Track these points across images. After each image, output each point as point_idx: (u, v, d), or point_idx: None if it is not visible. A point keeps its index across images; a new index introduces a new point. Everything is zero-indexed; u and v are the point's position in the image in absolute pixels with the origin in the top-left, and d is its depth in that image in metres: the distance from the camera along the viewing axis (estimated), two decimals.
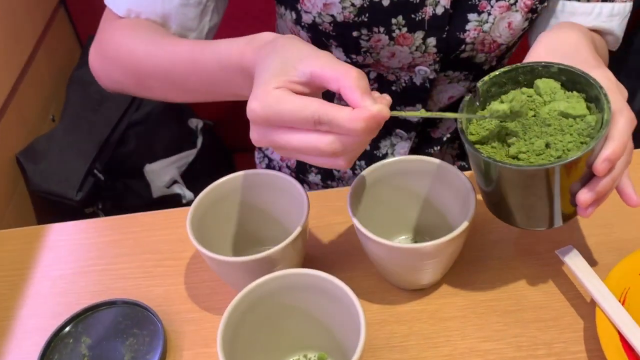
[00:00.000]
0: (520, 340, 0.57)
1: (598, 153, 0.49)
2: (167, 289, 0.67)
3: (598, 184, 0.50)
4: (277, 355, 0.58)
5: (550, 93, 0.53)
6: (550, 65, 0.54)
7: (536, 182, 0.50)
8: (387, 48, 0.75)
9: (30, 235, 0.75)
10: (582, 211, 0.51)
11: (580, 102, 0.52)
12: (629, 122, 0.50)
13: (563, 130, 0.51)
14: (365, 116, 0.47)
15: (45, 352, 0.61)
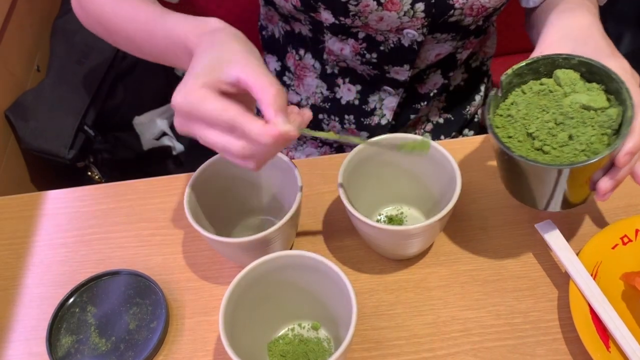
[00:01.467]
0: (498, 309, 0.62)
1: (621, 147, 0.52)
2: (165, 258, 0.70)
3: (618, 173, 0.53)
4: (274, 325, 0.62)
5: (570, 84, 0.55)
6: (571, 57, 0.55)
7: (563, 177, 0.52)
8: (375, 13, 0.75)
9: (28, 202, 0.77)
10: (601, 197, 0.55)
11: (601, 95, 0.54)
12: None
13: (585, 122, 0.53)
14: (273, 133, 0.50)
15: (53, 322, 0.64)
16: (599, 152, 0.52)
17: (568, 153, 0.53)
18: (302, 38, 0.88)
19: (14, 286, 0.69)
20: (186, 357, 0.62)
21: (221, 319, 0.54)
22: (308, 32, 0.85)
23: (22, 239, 0.74)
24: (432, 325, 0.61)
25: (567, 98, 0.54)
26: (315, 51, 0.88)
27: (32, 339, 0.65)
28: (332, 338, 0.61)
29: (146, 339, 0.63)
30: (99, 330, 0.64)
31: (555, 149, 0.53)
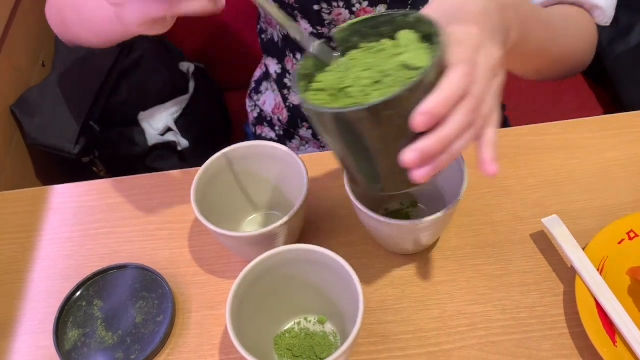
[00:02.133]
0: (505, 304, 0.62)
1: (417, 104, 0.43)
2: (172, 252, 0.70)
3: (420, 142, 0.44)
4: (280, 319, 0.62)
5: (406, 45, 0.49)
6: (408, 14, 0.49)
7: (347, 129, 0.46)
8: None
9: (34, 197, 0.77)
10: (412, 173, 0.45)
11: (426, 54, 0.47)
12: (462, 76, 0.44)
13: (401, 81, 0.46)
14: None
15: (60, 315, 0.65)
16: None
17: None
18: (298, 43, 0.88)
19: (21, 280, 0.70)
20: (192, 350, 0.62)
21: (228, 313, 0.54)
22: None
23: (28, 233, 0.74)
24: (439, 320, 0.61)
25: (396, 58, 0.48)
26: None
27: (39, 332, 0.65)
28: (339, 332, 0.61)
29: (153, 332, 0.63)
30: (106, 324, 0.64)
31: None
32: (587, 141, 0.74)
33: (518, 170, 0.72)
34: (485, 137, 0.48)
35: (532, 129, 0.76)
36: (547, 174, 0.72)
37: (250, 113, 1.07)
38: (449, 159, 0.46)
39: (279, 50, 0.94)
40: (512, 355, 0.58)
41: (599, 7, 0.72)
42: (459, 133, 0.45)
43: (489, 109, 0.47)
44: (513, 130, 0.77)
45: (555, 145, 0.74)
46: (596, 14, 0.74)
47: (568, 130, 0.76)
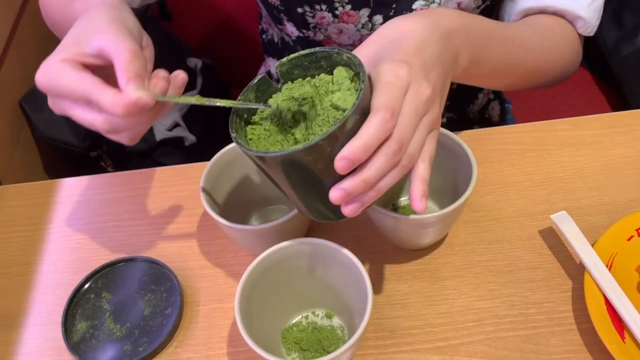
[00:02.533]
0: (513, 300, 0.62)
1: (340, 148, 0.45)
2: (180, 246, 0.70)
3: (344, 182, 0.46)
4: (288, 313, 0.62)
5: (340, 83, 0.50)
6: (342, 52, 0.50)
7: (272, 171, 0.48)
8: (333, 25, 0.75)
9: (43, 190, 0.78)
10: (342, 209, 0.48)
11: (354, 95, 0.48)
12: (380, 122, 0.45)
13: (329, 121, 0.48)
14: (122, 102, 0.46)
15: (68, 308, 0.65)
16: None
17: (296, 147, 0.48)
18: (291, 47, 0.89)
19: (30, 272, 0.70)
20: (200, 343, 0.62)
21: (237, 306, 0.54)
22: (294, 43, 0.86)
23: (37, 226, 0.74)
24: (446, 315, 0.61)
25: (329, 96, 0.50)
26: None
27: (47, 324, 0.65)
28: (346, 326, 0.61)
29: (161, 325, 0.63)
30: (114, 316, 0.64)
31: (289, 145, 0.50)
32: (596, 138, 0.74)
33: (526, 167, 0.72)
34: (415, 173, 0.49)
35: (540, 126, 0.76)
36: (555, 170, 0.72)
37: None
38: (376, 195, 0.48)
39: (278, 50, 0.95)
40: (520, 351, 0.58)
41: (581, 17, 0.71)
42: (381, 174, 0.47)
43: (416, 147, 0.48)
44: (521, 126, 0.77)
45: (564, 142, 0.74)
46: (578, 24, 0.72)
47: (576, 127, 0.76)
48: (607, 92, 1.25)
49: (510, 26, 0.68)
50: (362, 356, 0.59)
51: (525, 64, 0.68)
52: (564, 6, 0.70)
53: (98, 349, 0.62)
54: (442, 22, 0.53)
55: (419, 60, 0.50)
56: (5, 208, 0.76)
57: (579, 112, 0.77)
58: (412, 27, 0.51)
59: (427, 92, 0.49)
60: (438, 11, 0.55)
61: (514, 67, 0.67)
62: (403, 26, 0.52)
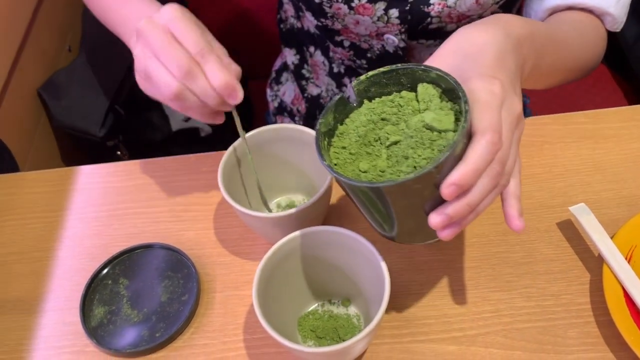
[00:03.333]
0: (530, 291, 0.61)
1: (447, 173, 0.44)
2: (197, 233, 0.70)
3: (448, 207, 0.45)
4: (304, 300, 0.62)
5: (427, 101, 0.48)
6: (430, 69, 0.48)
7: (373, 198, 0.46)
8: (349, 16, 0.75)
9: (61, 177, 0.78)
10: (439, 233, 0.47)
11: (450, 115, 0.46)
12: (489, 145, 0.44)
13: (424, 143, 0.46)
14: (228, 81, 0.55)
15: (86, 293, 0.65)
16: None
17: (392, 174, 0.47)
18: (311, 35, 0.89)
19: (48, 258, 0.71)
20: (217, 329, 0.62)
21: (254, 293, 0.54)
22: (316, 30, 0.86)
23: (55, 213, 0.75)
24: (463, 306, 0.61)
25: (417, 116, 0.48)
26: (323, 49, 0.89)
27: (65, 309, 0.66)
28: (362, 315, 0.61)
29: (177, 311, 0.63)
30: (131, 302, 0.65)
31: (387, 168, 0.47)
32: (614, 131, 0.74)
33: (544, 159, 0.72)
34: (508, 191, 0.49)
35: (559, 118, 0.76)
36: (574, 163, 0.71)
37: (271, 103, 1.08)
38: (474, 217, 0.47)
39: (297, 40, 0.95)
40: (537, 342, 0.58)
41: (610, 14, 0.71)
42: (484, 196, 0.46)
43: (512, 164, 0.48)
44: (540, 118, 0.76)
45: (582, 135, 0.74)
46: (607, 20, 0.72)
47: (595, 119, 0.75)
48: (626, 88, 1.24)
49: (558, 28, 0.67)
50: (378, 345, 0.59)
51: (569, 64, 0.68)
52: (593, 3, 0.70)
53: (115, 334, 0.63)
54: (511, 31, 0.53)
55: (505, 74, 0.49)
56: (24, 195, 0.77)
57: (597, 107, 0.76)
58: (488, 39, 0.50)
59: (519, 107, 0.49)
60: (505, 19, 0.54)
61: (561, 68, 0.67)
62: (477, 37, 0.51)
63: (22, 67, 0.99)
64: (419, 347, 0.59)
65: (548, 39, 0.61)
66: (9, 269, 0.70)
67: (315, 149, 0.49)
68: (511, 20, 0.55)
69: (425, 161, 0.45)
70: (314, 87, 0.96)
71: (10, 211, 0.75)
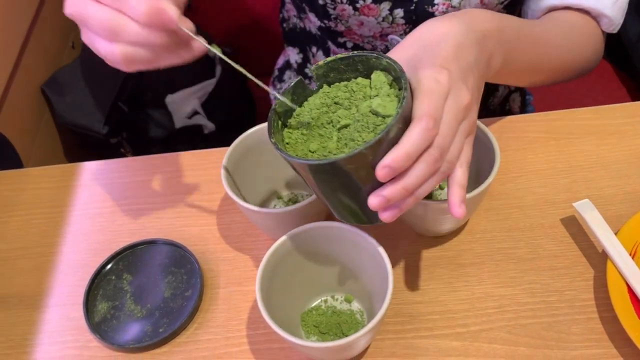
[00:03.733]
0: (534, 287, 0.61)
1: (382, 156, 0.45)
2: (200, 229, 0.70)
3: (385, 189, 0.46)
4: (307, 296, 0.62)
5: (378, 88, 0.49)
6: (381, 57, 0.49)
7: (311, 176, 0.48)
8: (353, 17, 0.75)
9: (65, 173, 0.78)
10: (380, 215, 0.48)
11: (394, 102, 0.47)
12: (423, 131, 0.45)
13: (368, 127, 0.47)
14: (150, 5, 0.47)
15: (90, 288, 0.66)
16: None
17: (336, 155, 0.48)
18: (313, 36, 0.88)
19: (52, 253, 0.71)
20: (220, 325, 0.62)
21: (258, 288, 0.54)
22: (317, 31, 0.86)
23: (59, 209, 0.75)
24: (467, 302, 0.61)
25: (367, 101, 0.49)
26: (325, 50, 0.89)
27: (69, 304, 0.66)
28: (365, 311, 0.61)
29: (181, 307, 0.63)
30: (135, 297, 0.65)
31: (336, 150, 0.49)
32: (619, 127, 0.74)
33: (548, 155, 0.71)
34: (452, 178, 0.49)
35: (564, 114, 0.76)
36: (578, 159, 0.71)
37: (274, 101, 1.08)
38: (414, 202, 0.48)
39: (300, 39, 0.94)
40: (541, 338, 0.58)
41: (606, 15, 0.70)
42: (421, 181, 0.46)
43: (455, 153, 0.48)
44: (544, 114, 0.76)
45: (586, 131, 0.74)
46: (603, 21, 0.72)
47: (600, 115, 0.75)
48: (630, 85, 1.24)
49: (537, 24, 0.67)
50: (381, 341, 0.59)
51: (551, 63, 0.68)
52: (589, 5, 0.69)
53: (119, 330, 0.63)
54: (476, 25, 0.53)
55: (457, 65, 0.50)
56: (28, 190, 0.77)
57: (600, 105, 0.76)
58: (448, 30, 0.51)
59: (466, 98, 0.49)
60: (471, 13, 0.55)
61: (541, 66, 0.67)
62: (439, 29, 0.52)
63: (25, 64, 0.99)
64: (423, 342, 0.59)
65: (521, 35, 0.61)
66: (13, 264, 0.70)
67: (267, 128, 0.50)
68: (478, 14, 0.55)
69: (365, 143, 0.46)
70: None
71: (14, 207, 0.75)
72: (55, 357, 0.62)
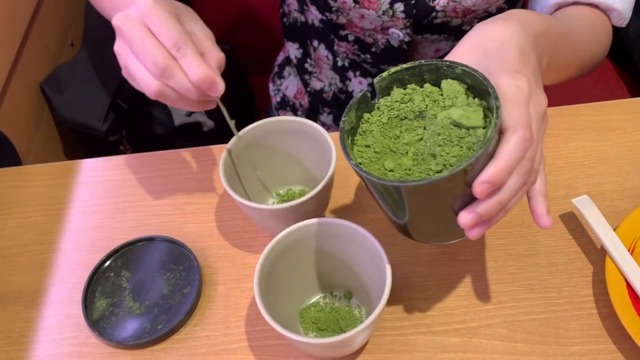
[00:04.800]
0: (532, 283, 0.61)
1: (480, 170, 0.43)
2: (199, 226, 0.70)
3: (479, 206, 0.44)
4: (306, 293, 0.62)
5: (452, 97, 0.47)
6: (455, 65, 0.47)
7: (403, 197, 0.45)
8: (354, 10, 0.75)
9: (64, 170, 0.78)
10: (467, 232, 0.46)
11: (478, 112, 0.45)
12: (521, 142, 0.43)
13: (452, 141, 0.45)
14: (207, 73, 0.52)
15: (89, 285, 0.66)
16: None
17: (421, 172, 0.45)
18: (315, 29, 0.88)
19: (50, 250, 0.71)
20: (219, 321, 0.62)
21: (256, 285, 0.54)
22: (320, 24, 0.86)
23: (58, 206, 0.75)
24: (465, 298, 0.61)
25: (442, 112, 0.46)
26: (327, 43, 0.89)
27: (67, 301, 0.66)
28: (364, 307, 0.61)
29: (179, 303, 0.63)
30: (133, 294, 0.65)
31: (413, 166, 0.46)
32: (618, 123, 0.73)
33: (548, 151, 0.71)
34: (534, 188, 0.48)
35: (563, 110, 0.75)
36: (577, 155, 0.71)
37: (273, 97, 1.08)
38: (503, 216, 0.47)
39: (300, 34, 0.94)
40: (539, 334, 0.58)
41: (616, 9, 0.70)
42: (514, 194, 0.45)
43: (539, 160, 0.48)
44: None
45: (586, 127, 0.73)
46: (612, 15, 0.72)
47: (599, 112, 0.75)
48: (630, 83, 1.23)
49: (568, 23, 0.66)
50: (380, 337, 0.59)
51: (582, 59, 0.68)
52: None
53: (117, 326, 0.63)
54: (529, 26, 0.52)
55: (528, 69, 0.48)
56: (26, 188, 0.77)
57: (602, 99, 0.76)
58: (507, 34, 0.49)
59: (545, 102, 0.48)
60: (520, 15, 0.53)
61: (573, 62, 0.67)
62: (496, 33, 0.50)
63: (24, 61, 0.99)
64: (421, 339, 0.59)
65: (561, 35, 0.60)
66: (11, 261, 0.70)
67: (341, 148, 0.47)
68: (526, 15, 0.54)
69: (455, 159, 0.44)
70: (317, 82, 0.96)
71: (13, 204, 0.75)
72: (54, 354, 0.62)
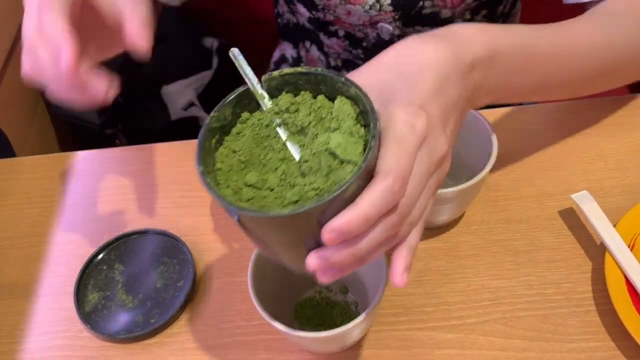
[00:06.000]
0: (530, 279, 0.60)
1: (332, 215, 0.37)
2: (194, 220, 0.69)
3: (328, 251, 0.38)
4: (301, 287, 0.61)
5: (341, 120, 0.40)
6: (350, 84, 0.40)
7: (253, 227, 0.40)
8: (340, 6, 0.74)
9: (57, 162, 0.77)
10: (317, 275, 0.40)
11: (358, 144, 0.39)
12: (386, 192, 0.37)
13: (321, 170, 0.39)
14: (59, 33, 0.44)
15: (81, 278, 0.65)
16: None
17: (277, 198, 0.39)
18: (306, 30, 0.88)
19: (43, 243, 0.70)
20: (213, 315, 0.62)
21: (250, 279, 0.53)
22: (309, 23, 0.85)
23: (51, 198, 0.74)
24: (462, 293, 0.60)
25: (324, 135, 0.40)
26: (318, 44, 0.88)
27: (60, 294, 0.65)
28: (360, 302, 0.60)
29: (173, 297, 0.63)
30: (126, 288, 0.64)
31: (276, 186, 0.40)
32: (618, 119, 0.73)
33: (547, 147, 0.71)
34: (405, 243, 0.42)
35: (562, 106, 0.75)
36: (577, 151, 0.70)
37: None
38: (359, 265, 0.41)
39: (294, 35, 0.94)
40: (537, 331, 0.57)
41: None
42: (374, 248, 0.39)
43: (417, 215, 0.41)
44: (543, 106, 0.75)
45: (586, 123, 0.73)
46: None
47: (598, 108, 0.74)
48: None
49: (562, 30, 0.57)
50: (376, 332, 0.59)
51: (586, 70, 0.59)
52: None
53: (110, 320, 0.62)
54: (465, 51, 0.46)
55: (438, 105, 0.43)
56: (20, 180, 0.76)
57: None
58: (432, 58, 0.44)
59: (443, 148, 0.42)
60: (462, 34, 0.47)
61: (570, 77, 0.58)
62: (422, 55, 0.44)
63: (19, 53, 0.98)
64: (417, 334, 0.58)
65: (530, 53, 0.52)
66: (3, 254, 0.69)
67: (196, 149, 0.41)
68: (470, 36, 0.47)
69: (314, 192, 0.38)
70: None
71: (6, 196, 0.75)
72: (46, 347, 0.61)
